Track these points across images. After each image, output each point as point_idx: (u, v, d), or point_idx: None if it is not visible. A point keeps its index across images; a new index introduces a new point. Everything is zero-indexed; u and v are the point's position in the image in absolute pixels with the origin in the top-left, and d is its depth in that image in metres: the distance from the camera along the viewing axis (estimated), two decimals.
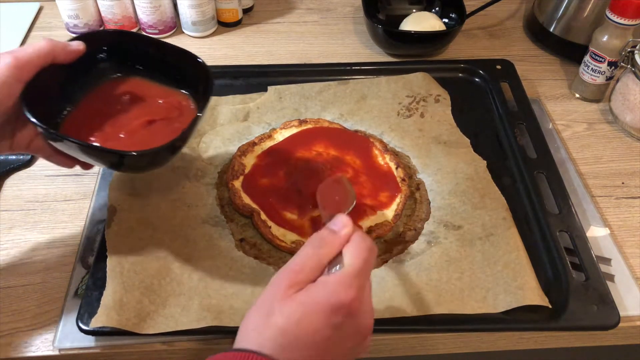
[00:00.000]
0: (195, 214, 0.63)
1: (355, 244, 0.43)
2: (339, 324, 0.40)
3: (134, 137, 0.54)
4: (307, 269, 0.42)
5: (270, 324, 0.40)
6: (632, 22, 0.73)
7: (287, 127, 0.73)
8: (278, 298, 0.41)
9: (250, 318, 0.42)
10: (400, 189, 0.66)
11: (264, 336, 0.40)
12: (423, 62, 0.86)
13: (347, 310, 0.40)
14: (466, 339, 0.58)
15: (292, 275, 0.42)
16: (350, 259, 0.42)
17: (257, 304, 0.42)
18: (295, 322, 0.39)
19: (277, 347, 0.39)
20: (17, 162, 0.71)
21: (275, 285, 0.42)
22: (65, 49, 0.51)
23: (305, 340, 0.40)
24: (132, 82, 0.58)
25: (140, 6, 0.89)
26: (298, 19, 0.99)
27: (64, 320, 0.56)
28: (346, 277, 0.41)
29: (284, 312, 0.40)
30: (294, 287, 0.41)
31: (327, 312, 0.40)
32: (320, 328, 0.40)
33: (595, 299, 0.56)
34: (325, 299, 0.40)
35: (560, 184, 0.67)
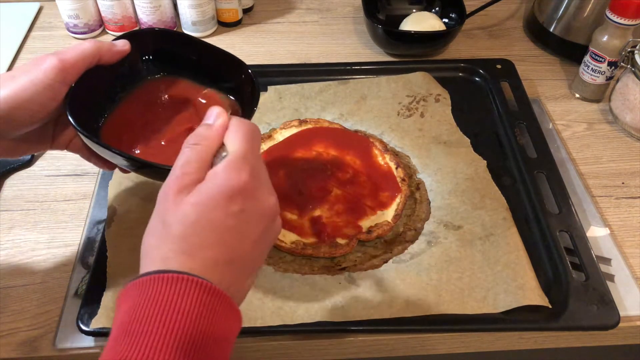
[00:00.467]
0: None
1: (234, 129, 0.41)
2: (239, 211, 0.38)
3: (175, 145, 0.51)
4: (191, 170, 0.39)
5: (168, 235, 0.37)
6: (632, 22, 0.73)
7: (287, 127, 0.73)
8: (169, 208, 0.38)
9: (147, 238, 0.39)
10: (400, 189, 0.66)
11: (164, 250, 0.37)
12: (423, 62, 0.86)
13: (244, 194, 0.38)
14: (466, 339, 0.58)
15: (177, 180, 0.39)
16: (233, 145, 0.40)
17: (150, 223, 0.39)
18: (192, 223, 0.37)
19: (181, 255, 0.36)
20: (17, 162, 0.71)
21: (163, 198, 0.39)
22: (111, 49, 0.49)
23: (209, 238, 0.37)
24: (176, 83, 0.56)
25: (140, 6, 0.89)
26: (298, 19, 0.99)
27: (64, 321, 0.56)
28: (233, 162, 0.39)
29: (177, 216, 0.37)
30: (183, 191, 0.38)
31: (223, 203, 0.37)
32: (220, 221, 0.37)
33: (595, 299, 0.56)
34: (217, 190, 0.38)
35: (560, 184, 0.67)
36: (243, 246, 0.39)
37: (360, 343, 0.56)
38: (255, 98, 0.52)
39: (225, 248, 0.38)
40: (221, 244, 0.37)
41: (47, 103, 0.46)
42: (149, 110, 0.55)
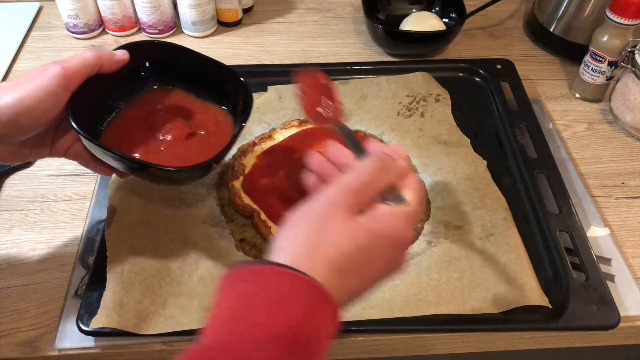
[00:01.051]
0: (196, 214, 0.63)
1: (415, 182, 0.42)
2: (391, 261, 0.40)
3: (173, 150, 0.54)
4: (368, 191, 0.40)
5: (330, 243, 0.37)
6: (632, 22, 0.73)
7: (287, 127, 0.72)
8: (340, 217, 0.38)
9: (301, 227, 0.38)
10: None
11: (319, 254, 0.37)
12: (423, 62, 0.86)
13: (402, 248, 0.40)
14: (466, 339, 0.58)
15: (354, 194, 0.39)
16: (412, 197, 0.41)
17: (309, 214, 0.39)
18: (362, 248, 0.38)
19: (333, 269, 0.36)
20: None
21: (333, 202, 0.39)
22: (111, 58, 0.52)
23: (363, 268, 0.38)
24: (172, 93, 0.59)
25: (140, 6, 0.89)
26: (298, 19, 0.99)
27: (64, 321, 0.56)
28: (410, 217, 0.40)
29: (349, 234, 0.37)
30: (354, 207, 0.39)
31: (390, 246, 0.39)
32: (378, 259, 0.39)
33: (595, 299, 0.56)
34: (392, 233, 0.39)
35: (560, 184, 0.67)
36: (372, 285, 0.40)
37: (360, 343, 0.56)
38: (248, 108, 0.55)
39: (363, 284, 0.39)
40: (364, 278, 0.39)
41: (50, 109, 0.48)
42: (147, 118, 0.57)
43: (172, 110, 0.58)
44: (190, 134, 0.56)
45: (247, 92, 0.56)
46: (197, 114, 0.58)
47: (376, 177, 0.40)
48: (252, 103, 0.55)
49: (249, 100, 0.55)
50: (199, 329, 0.52)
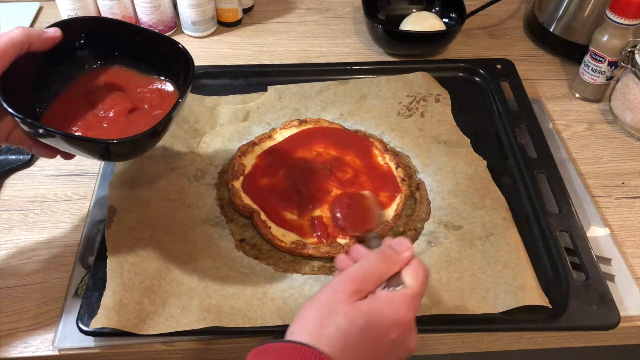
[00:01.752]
0: (195, 214, 0.63)
1: (416, 267, 0.46)
2: (393, 339, 0.43)
3: (115, 125, 0.53)
4: (371, 280, 0.44)
5: (332, 324, 0.42)
6: (632, 22, 0.73)
7: (287, 127, 0.72)
8: (342, 302, 0.43)
9: (309, 313, 0.43)
10: (400, 189, 0.66)
11: (323, 334, 0.41)
12: (423, 62, 0.86)
13: (403, 328, 0.43)
14: (466, 339, 0.58)
15: (356, 283, 0.44)
16: (412, 281, 0.45)
17: (317, 302, 0.44)
18: (359, 328, 0.42)
19: (335, 346, 0.41)
20: (17, 162, 0.71)
21: (337, 290, 0.44)
22: (41, 36, 0.50)
23: (363, 346, 0.42)
24: (113, 70, 0.58)
25: (140, 6, 0.89)
26: (298, 19, 0.99)
27: (64, 321, 0.56)
28: (409, 298, 0.44)
29: (348, 315, 0.42)
30: (357, 294, 0.43)
31: (388, 326, 0.43)
32: (378, 338, 0.42)
33: (595, 299, 0.56)
34: (389, 314, 0.43)
35: (560, 184, 0.67)
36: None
37: None
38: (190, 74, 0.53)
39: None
40: (366, 356, 0.42)
41: None
42: (87, 97, 0.55)
43: (113, 87, 0.56)
44: (133, 109, 0.55)
45: (188, 59, 0.54)
46: (140, 89, 0.57)
47: (377, 267, 0.45)
48: (194, 69, 0.53)
49: (190, 67, 0.53)
50: (199, 329, 0.52)
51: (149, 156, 0.68)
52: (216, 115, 0.75)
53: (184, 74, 0.54)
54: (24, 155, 0.72)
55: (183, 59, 0.54)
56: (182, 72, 0.55)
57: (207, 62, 0.87)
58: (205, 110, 0.75)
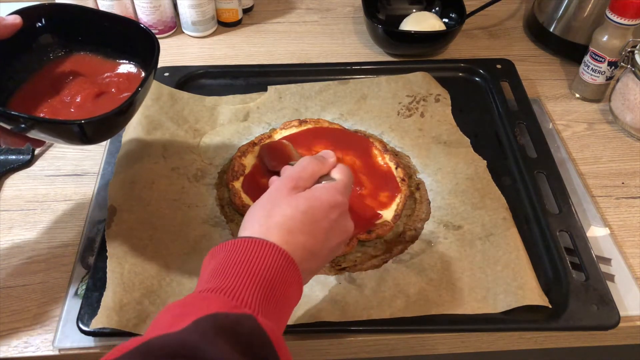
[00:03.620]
0: (196, 214, 0.63)
1: (342, 167, 0.53)
2: (334, 219, 0.48)
3: (83, 110, 0.53)
4: (306, 177, 0.51)
5: (277, 214, 0.47)
6: (632, 22, 0.73)
7: (287, 127, 0.72)
8: (284, 195, 0.48)
9: (255, 211, 0.48)
10: (400, 189, 0.66)
11: (270, 223, 0.46)
12: (423, 62, 0.86)
13: (341, 209, 0.49)
14: (466, 339, 0.58)
15: (295, 180, 0.50)
16: (340, 176, 0.52)
17: (262, 201, 0.49)
18: (302, 211, 0.47)
19: (282, 230, 0.45)
20: (17, 162, 0.71)
21: (278, 187, 0.49)
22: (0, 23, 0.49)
23: (308, 226, 0.46)
24: (78, 57, 0.58)
25: (140, 6, 0.89)
26: (298, 19, 0.99)
27: (64, 321, 0.56)
28: (340, 186, 0.51)
29: (291, 203, 0.47)
30: (296, 189, 0.49)
31: (327, 208, 0.48)
32: (320, 219, 0.47)
33: (595, 299, 0.56)
34: (326, 197, 0.48)
35: (560, 184, 0.67)
36: (324, 245, 0.48)
37: (360, 343, 0.56)
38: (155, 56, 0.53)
39: (314, 240, 0.47)
40: (312, 236, 0.47)
41: None
42: (54, 85, 0.55)
43: (79, 73, 0.56)
44: (100, 93, 0.54)
45: (152, 39, 0.54)
46: (107, 74, 0.56)
47: (309, 166, 0.52)
48: (159, 50, 0.53)
49: (154, 48, 0.53)
50: None
51: (149, 156, 0.68)
52: (216, 115, 0.75)
53: (149, 56, 0.54)
54: (24, 155, 0.72)
55: (147, 40, 0.54)
56: (147, 54, 0.54)
57: (207, 62, 0.87)
58: (205, 110, 0.75)
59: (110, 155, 0.72)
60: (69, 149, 0.73)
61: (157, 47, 0.53)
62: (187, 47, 0.92)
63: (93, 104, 0.53)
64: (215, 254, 0.45)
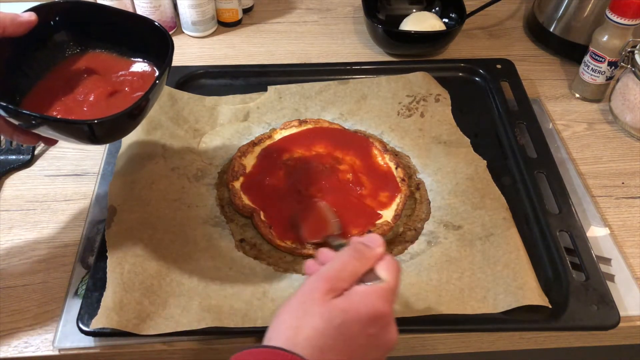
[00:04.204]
0: (196, 215, 0.63)
1: (389, 262, 0.45)
2: (373, 334, 0.42)
3: (96, 109, 0.53)
4: (344, 277, 0.43)
5: (308, 325, 0.41)
6: (632, 22, 0.73)
7: (287, 127, 0.72)
8: (317, 302, 0.42)
9: (284, 317, 0.42)
10: (400, 189, 0.66)
11: (299, 336, 0.40)
12: (423, 62, 0.86)
13: (383, 322, 0.42)
14: (466, 339, 0.58)
15: (330, 282, 0.43)
16: (387, 275, 0.44)
17: (292, 304, 0.43)
18: (336, 326, 0.41)
19: (313, 347, 0.40)
20: (17, 162, 0.71)
21: (312, 289, 0.43)
22: (15, 21, 0.49)
23: (342, 344, 0.41)
24: (93, 55, 0.57)
25: (140, 6, 0.89)
26: (298, 19, 0.99)
27: (64, 321, 0.56)
28: (385, 292, 0.43)
29: (324, 315, 0.41)
30: (332, 292, 0.42)
31: (366, 322, 0.41)
32: (357, 335, 0.41)
33: (595, 299, 0.56)
34: (365, 309, 0.42)
35: (560, 184, 0.67)
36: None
37: None
38: (169, 54, 0.52)
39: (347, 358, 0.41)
40: (346, 353, 0.41)
41: None
42: (68, 82, 0.55)
43: (93, 71, 0.56)
44: (113, 92, 0.54)
45: (166, 38, 0.53)
46: (121, 72, 0.56)
47: (350, 264, 0.44)
48: (173, 49, 0.52)
49: (168, 45, 0.52)
50: (199, 329, 0.52)
51: (149, 156, 0.68)
52: (216, 115, 0.75)
53: (163, 54, 0.53)
54: (24, 155, 0.72)
55: (162, 39, 0.54)
56: (161, 53, 0.54)
57: (207, 62, 0.87)
58: (205, 110, 0.75)
59: (110, 155, 0.72)
60: (69, 149, 0.73)
61: (172, 46, 0.53)
62: (187, 47, 0.92)
63: (106, 103, 0.53)
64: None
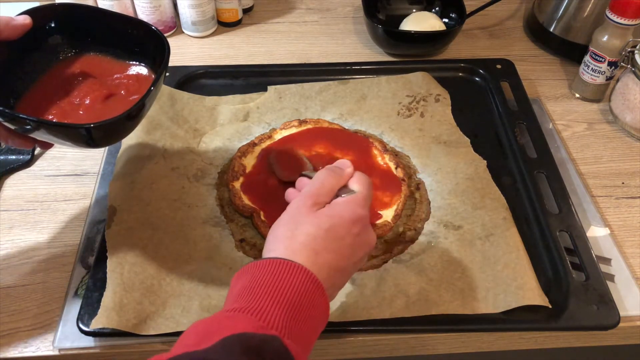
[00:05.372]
0: (196, 215, 0.63)
1: (359, 177, 0.53)
2: (357, 234, 0.48)
3: (92, 112, 0.52)
4: (324, 192, 0.50)
5: (301, 232, 0.47)
6: (632, 22, 0.73)
7: (287, 127, 0.72)
8: (305, 214, 0.48)
9: (280, 230, 0.48)
10: (400, 189, 0.66)
11: (295, 243, 0.46)
12: (423, 62, 0.86)
13: (363, 222, 0.49)
14: (466, 339, 0.58)
15: (314, 197, 0.50)
16: (359, 187, 0.52)
17: (283, 220, 0.49)
18: (325, 230, 0.47)
19: (308, 250, 0.46)
20: (17, 162, 0.71)
21: (298, 206, 0.49)
22: (9, 24, 0.48)
23: (333, 244, 0.47)
24: (88, 58, 0.57)
25: (140, 6, 0.89)
26: (298, 19, 0.99)
27: (64, 321, 0.56)
28: (359, 199, 0.50)
29: (314, 222, 0.47)
30: (316, 205, 0.49)
31: (349, 223, 0.48)
32: (344, 235, 0.47)
33: (595, 299, 0.56)
34: (347, 213, 0.48)
35: (560, 184, 0.67)
36: (349, 261, 0.48)
37: (360, 343, 0.56)
38: (165, 57, 0.52)
39: (339, 257, 0.47)
40: (338, 253, 0.47)
41: None
42: (63, 86, 0.54)
43: (88, 74, 0.56)
44: (109, 95, 0.54)
45: (162, 41, 0.53)
46: (117, 75, 0.56)
47: (327, 181, 0.51)
48: (169, 52, 0.52)
49: (164, 49, 0.52)
50: None
51: (149, 156, 0.68)
52: (216, 115, 0.75)
53: (159, 58, 0.53)
54: (24, 155, 0.72)
55: (158, 42, 0.53)
56: (157, 56, 0.54)
57: (207, 62, 0.87)
58: (205, 110, 0.75)
59: (110, 155, 0.72)
60: (69, 149, 0.73)
61: (168, 49, 0.53)
62: (187, 47, 0.92)
63: (102, 106, 0.53)
64: (243, 274, 0.45)
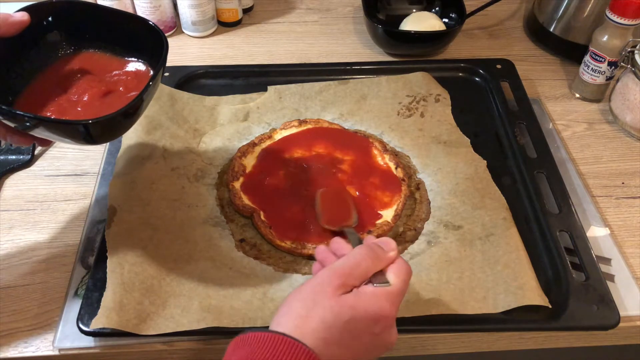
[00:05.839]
0: (196, 215, 0.63)
1: (400, 266, 0.47)
2: (377, 334, 0.44)
3: (90, 109, 0.52)
4: (356, 275, 0.45)
5: (316, 316, 0.42)
6: (632, 22, 0.73)
7: (287, 127, 0.72)
8: (327, 295, 0.43)
9: (295, 304, 0.44)
10: (400, 189, 0.66)
11: (307, 326, 0.42)
12: (423, 62, 0.86)
13: (387, 323, 0.44)
14: (466, 339, 0.58)
15: (343, 278, 0.44)
16: (395, 279, 0.46)
17: (303, 293, 0.44)
18: (344, 322, 0.42)
19: (318, 339, 0.41)
20: (17, 162, 0.71)
21: (323, 283, 0.44)
22: (7, 20, 0.48)
23: (347, 339, 0.43)
24: (86, 55, 0.57)
25: (140, 6, 0.89)
26: (298, 19, 0.99)
27: (64, 321, 0.56)
28: (392, 294, 0.45)
29: (334, 309, 0.42)
30: (342, 288, 0.44)
31: (372, 321, 0.43)
32: (362, 333, 0.43)
33: (595, 299, 0.56)
34: (373, 309, 0.43)
35: (560, 184, 0.67)
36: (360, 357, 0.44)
37: None
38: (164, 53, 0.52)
39: (350, 355, 0.43)
40: (349, 349, 0.43)
41: None
42: (61, 83, 0.54)
43: (87, 71, 0.55)
44: (108, 92, 0.53)
45: (161, 37, 0.53)
46: (115, 72, 0.56)
47: (363, 263, 0.46)
48: (167, 48, 0.52)
49: (163, 44, 0.52)
50: (199, 329, 0.52)
51: (149, 156, 0.68)
52: (216, 115, 0.75)
53: (158, 54, 0.53)
54: (24, 155, 0.72)
55: (156, 38, 0.53)
56: (156, 52, 0.53)
57: (207, 62, 0.87)
58: (205, 110, 0.75)
59: (110, 155, 0.72)
60: (69, 149, 0.73)
61: (166, 45, 0.52)
62: (187, 47, 0.92)
63: (101, 103, 0.53)
64: (244, 344, 0.42)
